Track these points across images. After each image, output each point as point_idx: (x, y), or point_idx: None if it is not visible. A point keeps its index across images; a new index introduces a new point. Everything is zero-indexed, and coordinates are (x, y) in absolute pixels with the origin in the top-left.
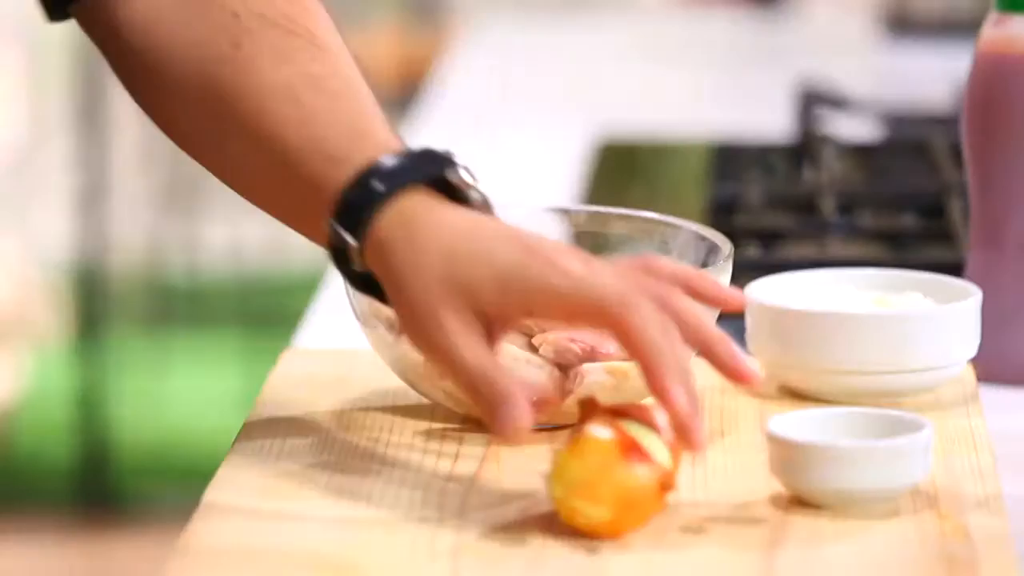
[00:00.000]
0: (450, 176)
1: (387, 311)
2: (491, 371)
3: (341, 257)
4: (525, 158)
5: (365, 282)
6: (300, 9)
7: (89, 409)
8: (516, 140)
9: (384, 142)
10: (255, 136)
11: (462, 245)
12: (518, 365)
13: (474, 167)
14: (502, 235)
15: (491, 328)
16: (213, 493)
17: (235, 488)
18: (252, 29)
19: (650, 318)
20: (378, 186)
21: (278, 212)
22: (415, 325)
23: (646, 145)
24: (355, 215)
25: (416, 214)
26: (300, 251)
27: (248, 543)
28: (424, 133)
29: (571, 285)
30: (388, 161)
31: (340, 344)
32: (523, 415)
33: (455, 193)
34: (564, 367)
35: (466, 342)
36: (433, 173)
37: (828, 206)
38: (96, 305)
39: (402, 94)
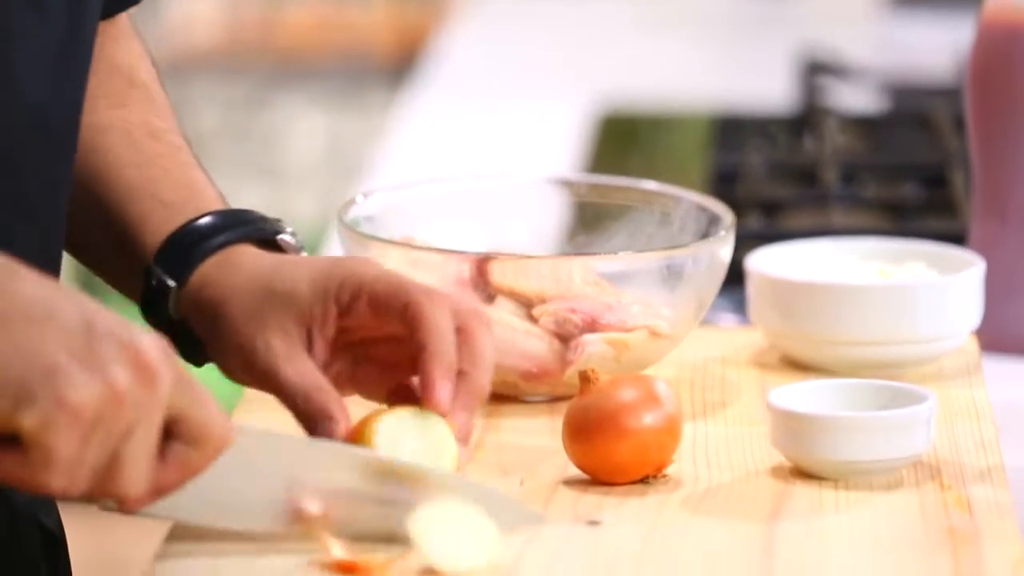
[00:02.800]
0: (268, 233)
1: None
2: (312, 390)
3: (154, 302)
4: (526, 129)
5: (173, 331)
6: (141, 64)
7: None
8: (517, 111)
9: (214, 199)
10: (87, 165)
11: (277, 271)
12: (518, 336)
13: (474, 139)
14: (317, 261)
15: (312, 337)
16: None
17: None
18: (98, 70)
19: (446, 313)
20: (204, 237)
21: (88, 251)
22: (236, 355)
23: (647, 116)
24: (180, 260)
25: (235, 259)
26: (299, 224)
27: None
28: (423, 105)
29: (379, 273)
30: (217, 216)
31: None
32: (340, 431)
33: (273, 247)
34: (564, 338)
35: (287, 361)
36: (255, 230)
37: (830, 176)
38: (93, 281)
39: (400, 65)
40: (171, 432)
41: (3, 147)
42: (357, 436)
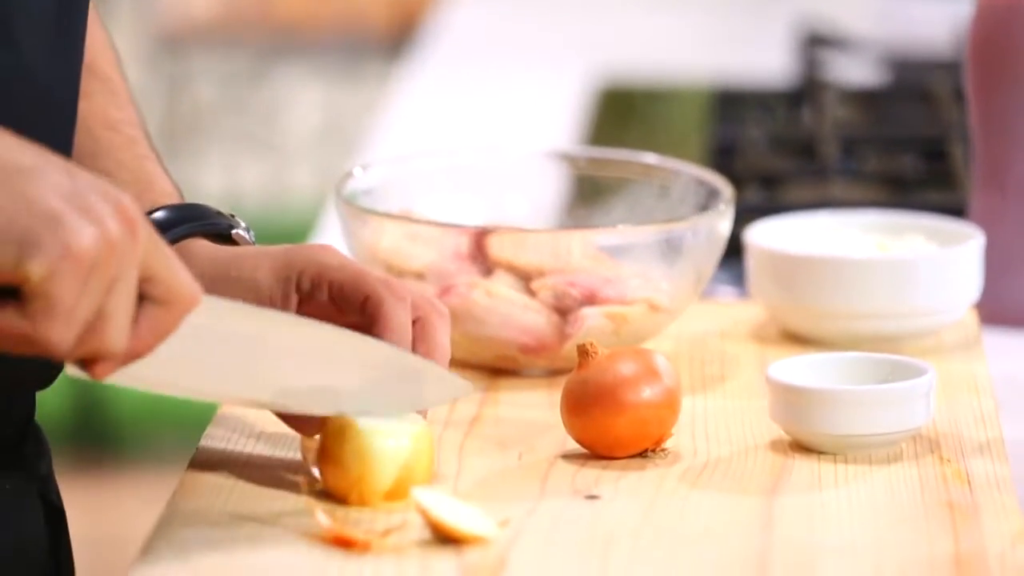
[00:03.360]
0: (223, 228)
1: (385, 253)
2: None
3: None
4: (524, 102)
5: None
6: (102, 53)
7: None
8: (515, 84)
9: (168, 193)
10: None
11: (235, 260)
12: (516, 310)
13: (473, 112)
14: (277, 249)
15: None
16: (209, 438)
17: (230, 433)
18: None
19: (405, 307)
20: (159, 229)
21: None
22: None
23: (646, 89)
24: None
25: (191, 250)
26: (297, 198)
27: (243, 488)
28: (421, 78)
29: (340, 262)
30: (171, 210)
31: None
32: None
33: (227, 242)
34: (563, 312)
35: None
36: (209, 224)
37: (829, 149)
38: None
39: (398, 38)
40: (142, 293)
41: (5, 115)
42: None
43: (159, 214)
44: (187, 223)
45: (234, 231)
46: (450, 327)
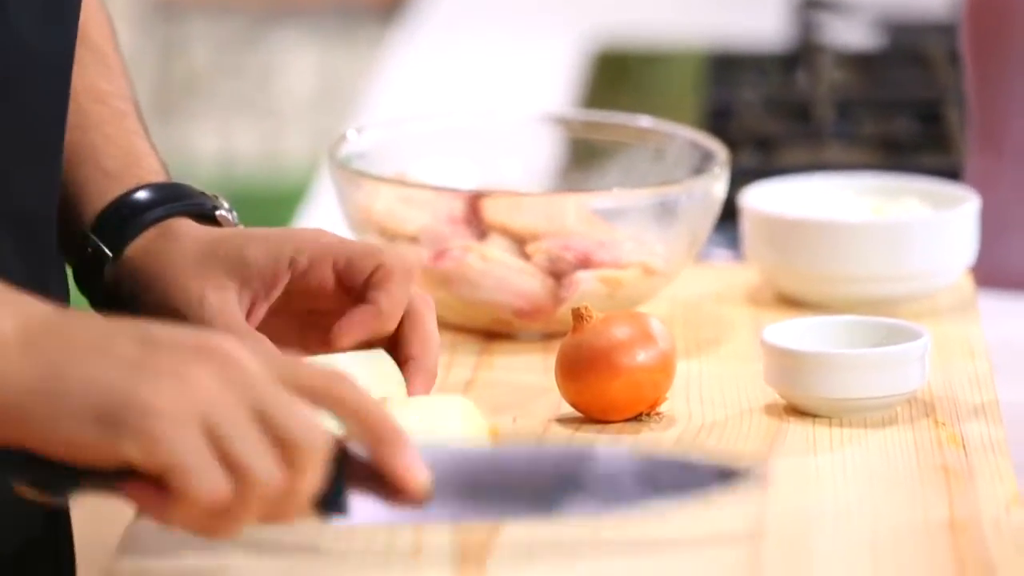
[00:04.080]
0: (207, 209)
1: (379, 216)
2: (242, 336)
3: (90, 269)
4: (519, 66)
5: (108, 299)
6: (96, 24)
7: None
8: (510, 48)
9: (155, 170)
10: None
11: (222, 238)
12: (510, 274)
13: (467, 76)
14: (270, 229)
15: (254, 300)
16: None
17: None
18: None
19: (408, 281)
20: (141, 210)
21: None
22: (171, 318)
23: (641, 52)
24: (116, 232)
25: (176, 229)
26: (291, 162)
27: None
28: (416, 41)
29: (341, 239)
30: (155, 189)
31: None
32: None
33: (208, 221)
34: (557, 275)
35: (220, 314)
36: (193, 204)
37: (824, 113)
38: None
39: (392, 1)
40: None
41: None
42: None
43: (142, 194)
44: (171, 203)
45: (218, 212)
46: (435, 315)
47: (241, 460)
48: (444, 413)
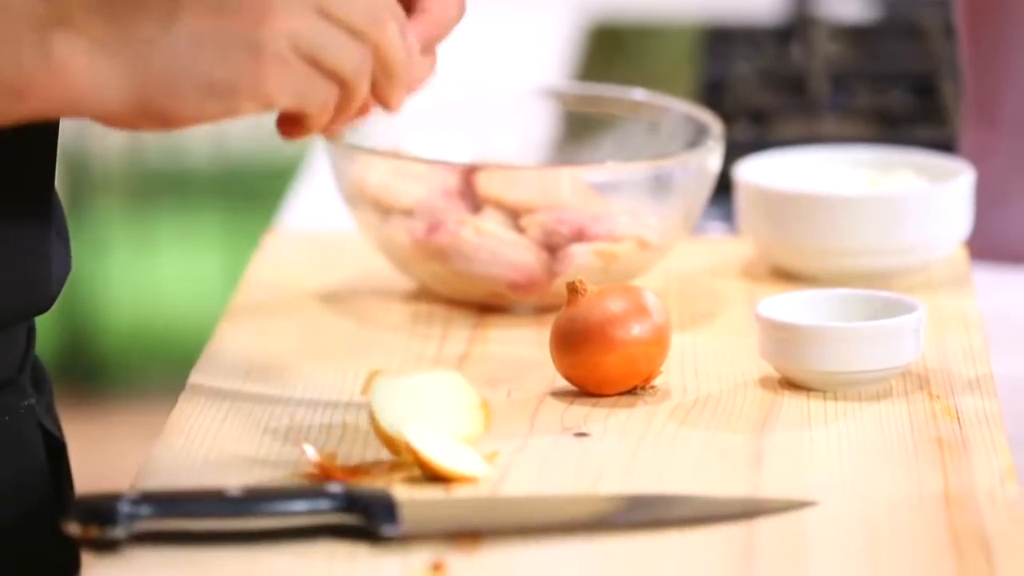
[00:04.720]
0: None
1: (373, 190)
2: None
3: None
4: (514, 39)
5: None
6: None
7: (72, 290)
8: (504, 21)
9: None
10: None
11: None
12: (505, 247)
13: (461, 49)
14: None
15: None
16: (198, 375)
17: (219, 370)
18: None
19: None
20: None
21: None
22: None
23: (635, 26)
24: None
25: None
26: None
27: (232, 425)
28: None
29: None
30: None
31: (324, 226)
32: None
33: None
34: (552, 248)
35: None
36: None
37: (819, 85)
38: (78, 187)
39: None
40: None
41: None
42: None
43: None
44: None
45: None
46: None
47: (334, 64)
48: (436, 388)
